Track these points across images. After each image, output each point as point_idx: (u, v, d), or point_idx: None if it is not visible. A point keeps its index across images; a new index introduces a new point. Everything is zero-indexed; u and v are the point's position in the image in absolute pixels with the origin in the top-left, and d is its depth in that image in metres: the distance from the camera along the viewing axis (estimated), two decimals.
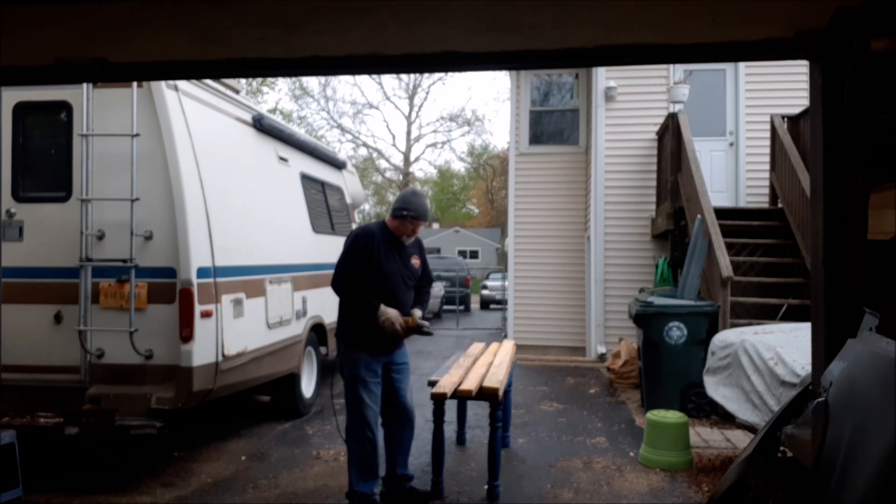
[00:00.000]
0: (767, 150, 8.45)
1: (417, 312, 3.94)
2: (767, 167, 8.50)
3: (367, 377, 3.79)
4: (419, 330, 3.84)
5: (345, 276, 3.80)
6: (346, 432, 3.86)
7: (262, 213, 5.49)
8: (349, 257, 3.82)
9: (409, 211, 3.82)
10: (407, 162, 37.50)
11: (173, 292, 4.28)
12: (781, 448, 2.65)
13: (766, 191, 8.66)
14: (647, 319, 6.24)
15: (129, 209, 4.26)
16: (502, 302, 16.48)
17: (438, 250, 41.44)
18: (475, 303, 22.89)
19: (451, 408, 4.67)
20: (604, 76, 9.38)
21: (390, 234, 3.88)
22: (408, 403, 4.01)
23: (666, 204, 8.35)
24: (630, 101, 9.43)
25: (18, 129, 4.47)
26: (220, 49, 2.72)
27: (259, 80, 23.50)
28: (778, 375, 3.79)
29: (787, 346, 4.02)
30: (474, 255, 44.05)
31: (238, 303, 4.81)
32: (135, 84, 4.25)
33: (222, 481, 4.48)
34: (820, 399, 2.17)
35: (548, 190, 10.42)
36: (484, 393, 4.07)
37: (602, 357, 9.26)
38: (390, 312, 3.74)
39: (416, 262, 4.00)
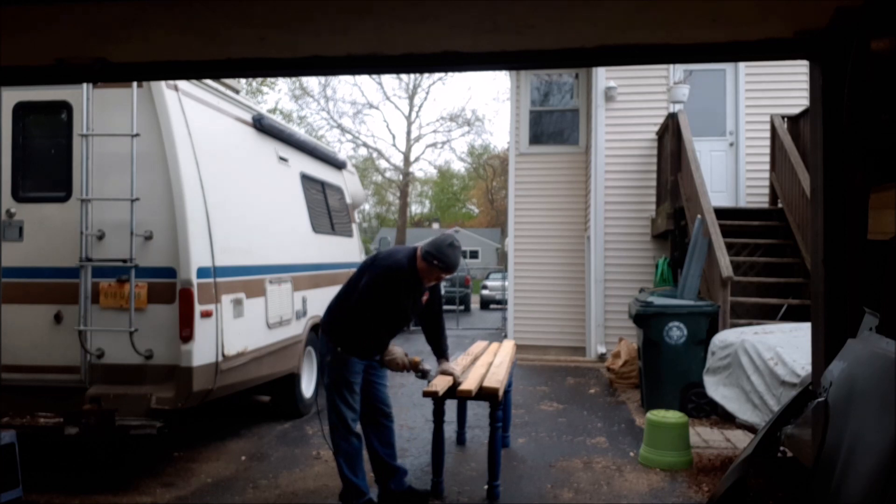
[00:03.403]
0: (767, 150, 8.45)
1: (444, 364, 4.16)
2: (767, 167, 8.50)
3: (354, 379, 3.84)
4: (419, 369, 3.95)
5: (367, 309, 3.76)
6: (330, 431, 3.86)
7: (262, 213, 5.49)
8: (379, 292, 3.75)
9: (440, 262, 3.74)
10: (407, 162, 37.47)
11: (173, 292, 4.28)
12: (781, 448, 2.65)
13: (766, 191, 8.66)
14: (647, 319, 6.24)
15: (129, 209, 4.26)
16: (502, 302, 16.48)
17: None
18: (475, 303, 22.90)
19: (451, 408, 4.67)
20: (604, 76, 9.38)
21: (416, 274, 3.82)
22: (386, 400, 4.07)
23: (666, 204, 8.35)
24: (630, 101, 9.43)
25: (18, 129, 4.47)
26: (220, 49, 2.72)
27: (259, 80, 23.49)
28: (778, 375, 3.79)
29: (787, 346, 4.02)
30: (474, 255, 44.05)
31: (238, 303, 4.81)
32: (135, 84, 4.24)
33: (222, 481, 4.48)
34: (820, 399, 2.17)
35: (548, 190, 10.42)
36: (484, 393, 4.06)
37: (602, 357, 9.26)
38: (397, 352, 3.85)
39: (425, 298, 4.05)
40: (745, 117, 9.15)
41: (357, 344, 3.83)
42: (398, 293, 3.80)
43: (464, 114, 51.99)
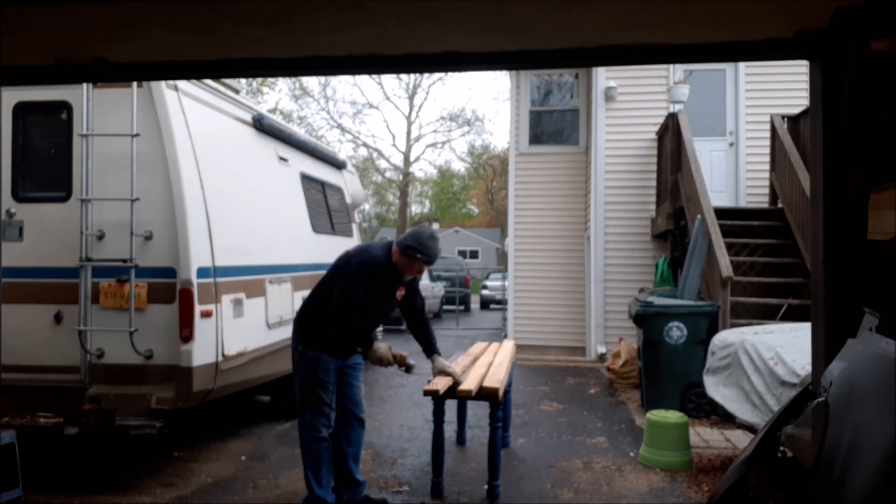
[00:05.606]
0: (767, 150, 8.46)
1: (439, 361, 4.10)
2: (767, 167, 8.51)
3: (326, 378, 3.72)
4: (404, 364, 3.86)
5: (348, 307, 3.64)
6: (300, 433, 3.77)
7: (262, 213, 5.48)
8: (357, 288, 3.64)
9: (423, 255, 3.70)
10: (407, 162, 37.49)
11: (173, 292, 4.28)
12: (781, 448, 2.65)
13: (766, 191, 8.67)
14: (647, 319, 6.24)
15: (129, 209, 4.26)
16: (502, 302, 16.47)
17: None
18: (475, 303, 22.89)
19: (451, 408, 4.67)
20: (604, 76, 9.38)
21: (392, 268, 3.76)
22: (360, 402, 3.94)
23: (666, 204, 8.35)
24: (630, 101, 9.43)
25: (18, 129, 4.47)
26: (220, 49, 2.72)
27: (259, 80, 23.50)
28: (778, 375, 3.79)
29: (787, 346, 4.02)
30: (474, 255, 44.04)
31: (238, 303, 4.81)
32: (135, 84, 4.24)
33: (222, 481, 4.48)
34: (820, 399, 2.17)
35: (548, 190, 10.42)
36: (484, 393, 4.07)
37: (602, 357, 9.26)
38: (382, 347, 3.77)
39: (400, 293, 3.95)
40: (745, 117, 9.15)
41: (337, 342, 3.73)
42: (377, 289, 3.72)
43: (464, 114, 51.97)
